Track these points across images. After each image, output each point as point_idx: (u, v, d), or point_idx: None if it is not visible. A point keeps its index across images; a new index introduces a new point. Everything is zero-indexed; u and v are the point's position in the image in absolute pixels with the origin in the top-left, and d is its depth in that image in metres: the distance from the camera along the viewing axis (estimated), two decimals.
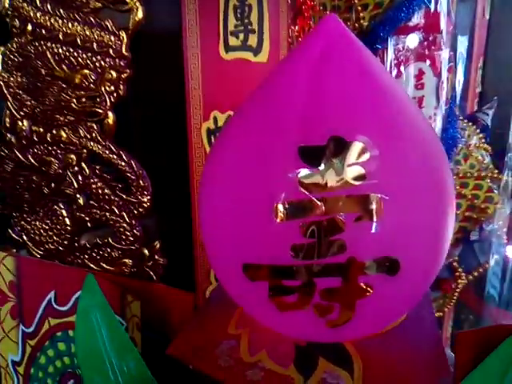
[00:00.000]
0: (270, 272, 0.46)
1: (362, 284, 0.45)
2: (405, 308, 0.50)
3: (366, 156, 0.44)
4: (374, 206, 0.43)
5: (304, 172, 0.44)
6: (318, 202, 0.43)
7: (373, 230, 0.43)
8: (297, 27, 1.18)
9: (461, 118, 1.28)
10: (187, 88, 0.91)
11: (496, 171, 1.26)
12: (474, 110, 1.65)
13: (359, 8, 0.96)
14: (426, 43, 0.99)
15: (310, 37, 0.52)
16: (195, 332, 0.59)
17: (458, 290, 1.31)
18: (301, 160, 0.44)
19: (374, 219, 0.43)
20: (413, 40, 0.98)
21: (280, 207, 0.44)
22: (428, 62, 0.99)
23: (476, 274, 1.34)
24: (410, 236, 0.45)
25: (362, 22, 0.98)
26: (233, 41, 0.97)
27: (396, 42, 0.96)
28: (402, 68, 0.99)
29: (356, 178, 0.43)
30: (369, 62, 0.51)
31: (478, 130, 1.30)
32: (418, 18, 0.95)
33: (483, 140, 1.29)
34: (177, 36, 0.89)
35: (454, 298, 1.32)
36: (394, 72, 0.99)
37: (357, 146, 0.44)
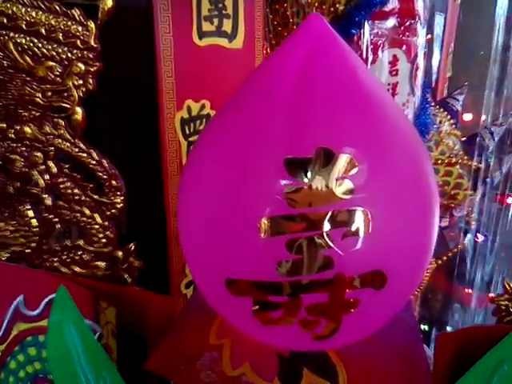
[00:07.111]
0: (255, 288, 0.44)
1: (348, 299, 0.44)
2: (389, 316, 0.50)
3: (355, 169, 0.42)
4: (361, 221, 0.42)
5: (290, 186, 0.42)
6: (305, 218, 0.42)
7: (360, 246, 0.42)
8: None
9: (432, 103, 1.28)
10: (159, 76, 0.87)
11: (466, 157, 1.28)
12: (445, 96, 1.66)
13: None
14: (400, 29, 0.98)
15: (293, 38, 0.49)
16: (174, 344, 0.57)
17: (426, 275, 1.33)
18: (287, 173, 0.42)
19: (362, 234, 0.42)
20: (390, 25, 0.97)
21: (265, 222, 0.42)
22: (403, 47, 0.98)
23: (445, 258, 1.38)
24: (397, 249, 0.45)
25: (337, 5, 0.96)
26: (207, 26, 0.92)
27: (371, 27, 0.95)
28: (379, 53, 0.98)
29: (345, 192, 0.42)
30: (354, 64, 0.49)
31: (449, 116, 1.31)
32: (393, 3, 0.94)
33: (454, 126, 1.30)
34: (148, 20, 0.84)
35: (424, 282, 1.35)
36: (370, 58, 0.98)
37: (345, 159, 0.42)
